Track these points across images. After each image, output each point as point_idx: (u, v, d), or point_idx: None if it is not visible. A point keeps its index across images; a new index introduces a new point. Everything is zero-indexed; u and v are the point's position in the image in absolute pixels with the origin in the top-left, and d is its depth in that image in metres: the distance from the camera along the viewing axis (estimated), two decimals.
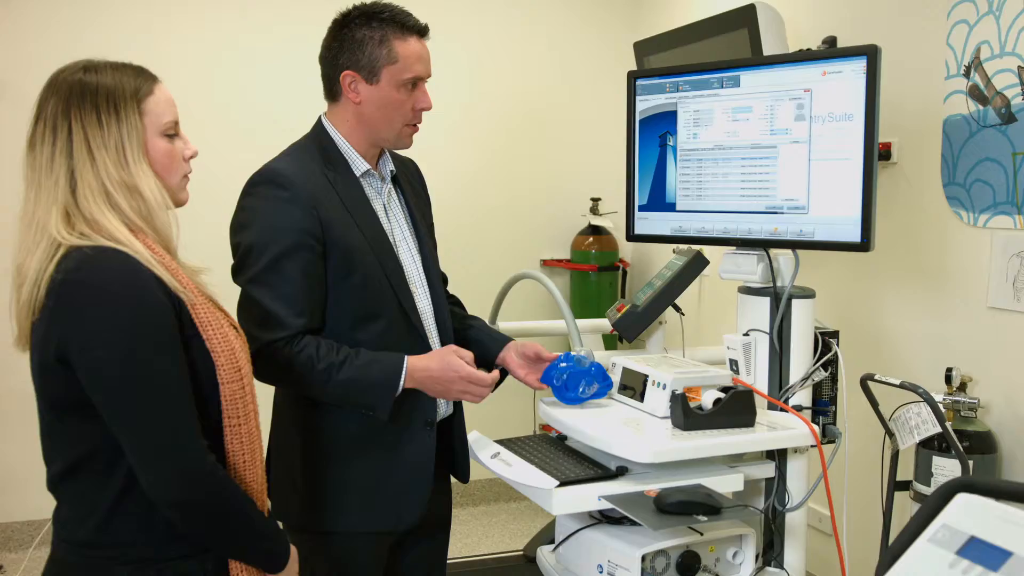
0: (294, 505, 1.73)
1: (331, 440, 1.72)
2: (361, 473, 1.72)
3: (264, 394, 1.51)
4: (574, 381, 1.80)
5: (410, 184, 1.91)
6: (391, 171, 1.84)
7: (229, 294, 1.52)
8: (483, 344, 1.89)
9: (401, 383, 1.63)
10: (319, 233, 1.64)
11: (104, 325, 1.20)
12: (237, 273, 1.66)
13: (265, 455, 1.61)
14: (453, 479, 1.93)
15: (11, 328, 1.30)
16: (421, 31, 1.75)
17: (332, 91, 1.76)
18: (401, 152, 1.88)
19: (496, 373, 1.72)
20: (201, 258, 1.39)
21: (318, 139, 1.77)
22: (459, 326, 1.92)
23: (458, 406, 1.88)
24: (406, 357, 1.65)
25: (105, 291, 1.21)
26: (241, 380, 1.32)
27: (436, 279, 1.85)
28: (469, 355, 1.69)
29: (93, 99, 1.27)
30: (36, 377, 1.27)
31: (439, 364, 1.65)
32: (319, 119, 1.80)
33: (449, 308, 1.89)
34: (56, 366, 1.22)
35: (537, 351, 1.85)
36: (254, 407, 1.36)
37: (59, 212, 1.24)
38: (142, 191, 1.28)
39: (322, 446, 1.72)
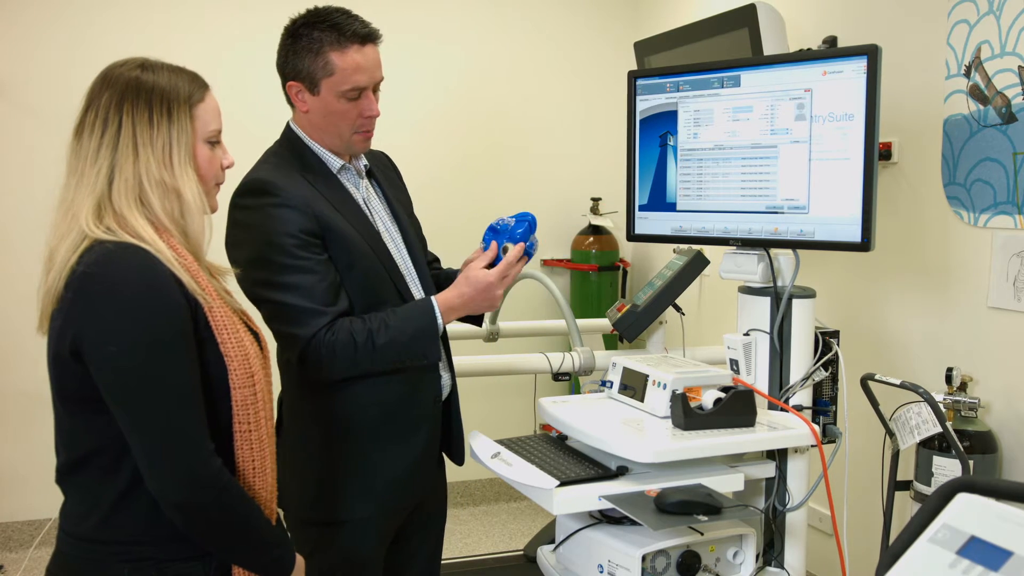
0: (309, 499, 1.73)
1: (353, 426, 1.73)
2: (383, 454, 1.74)
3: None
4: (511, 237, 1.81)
5: (385, 176, 1.92)
6: (365, 166, 1.85)
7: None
8: (450, 278, 1.92)
9: (439, 322, 1.68)
10: (318, 230, 1.65)
11: (118, 321, 1.21)
12: (253, 285, 1.65)
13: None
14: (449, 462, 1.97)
15: (26, 316, 1.31)
16: (363, 38, 1.70)
17: (287, 99, 1.78)
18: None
19: (504, 249, 1.79)
20: (215, 252, 1.40)
21: (290, 144, 1.78)
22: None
23: (454, 388, 1.90)
24: (432, 298, 1.71)
25: (122, 287, 1.21)
26: (253, 386, 1.32)
27: (423, 267, 1.86)
28: (478, 260, 1.78)
29: (148, 98, 1.29)
30: (50, 368, 1.28)
31: (469, 285, 1.73)
32: (287, 124, 1.81)
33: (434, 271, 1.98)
34: (70, 359, 1.23)
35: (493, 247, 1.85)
36: (265, 414, 1.36)
37: (92, 204, 1.26)
38: (182, 193, 1.30)
39: (344, 434, 1.73)
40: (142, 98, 1.28)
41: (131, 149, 1.27)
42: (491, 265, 1.78)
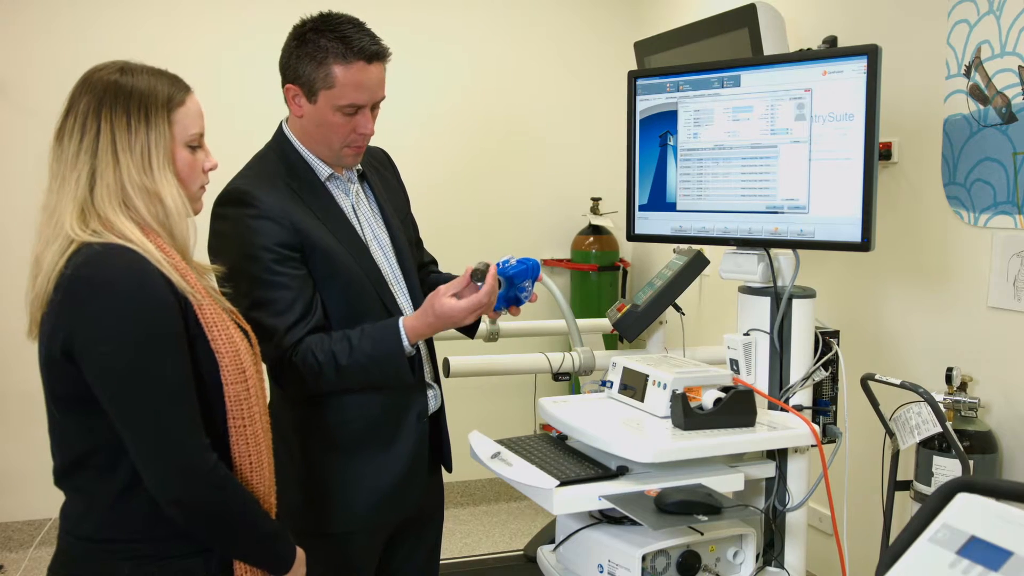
0: (292, 508, 1.72)
1: (333, 440, 1.72)
2: (364, 470, 1.73)
3: None
4: (513, 294, 1.74)
5: (379, 176, 1.89)
6: (357, 170, 1.83)
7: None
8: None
9: (406, 345, 1.64)
10: (296, 242, 1.64)
11: (109, 321, 1.21)
12: (229, 296, 1.65)
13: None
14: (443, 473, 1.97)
15: (26, 317, 1.31)
16: (371, 56, 1.65)
17: (284, 99, 1.74)
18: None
19: (480, 283, 1.65)
20: (199, 257, 1.41)
21: (279, 147, 1.76)
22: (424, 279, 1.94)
23: (442, 403, 1.89)
24: (400, 321, 1.65)
25: (111, 287, 1.22)
26: (245, 382, 1.32)
27: (412, 275, 1.84)
28: (449, 286, 1.65)
29: (125, 102, 1.28)
30: (43, 370, 1.28)
31: (433, 315, 1.63)
32: (280, 125, 1.78)
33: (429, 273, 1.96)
34: (62, 360, 1.23)
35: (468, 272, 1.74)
36: (259, 409, 1.36)
37: (76, 209, 1.26)
38: (163, 198, 1.30)
39: (324, 446, 1.72)
40: (120, 102, 1.28)
41: (111, 154, 1.27)
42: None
